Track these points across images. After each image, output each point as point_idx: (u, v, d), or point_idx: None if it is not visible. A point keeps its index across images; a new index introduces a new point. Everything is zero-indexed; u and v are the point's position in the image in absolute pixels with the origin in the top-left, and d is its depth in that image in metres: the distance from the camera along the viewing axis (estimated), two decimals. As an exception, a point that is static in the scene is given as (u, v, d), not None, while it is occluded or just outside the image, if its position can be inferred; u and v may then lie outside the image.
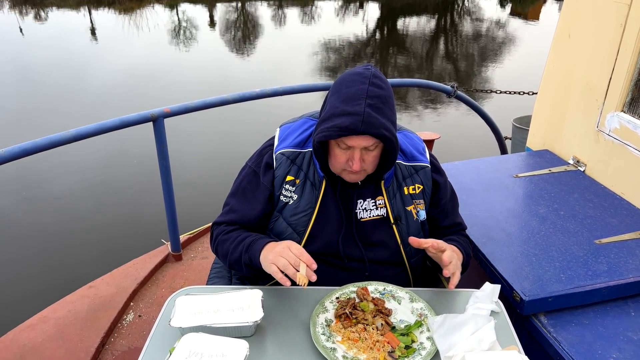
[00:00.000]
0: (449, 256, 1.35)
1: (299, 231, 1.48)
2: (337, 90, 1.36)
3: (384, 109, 1.31)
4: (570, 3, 2.31)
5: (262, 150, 1.56)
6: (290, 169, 1.49)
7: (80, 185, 5.24)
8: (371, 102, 1.29)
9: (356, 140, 1.32)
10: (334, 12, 16.00)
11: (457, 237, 1.61)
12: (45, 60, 9.62)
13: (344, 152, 1.37)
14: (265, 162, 1.51)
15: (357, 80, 1.33)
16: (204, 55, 10.62)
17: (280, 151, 1.50)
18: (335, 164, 1.41)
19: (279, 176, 1.49)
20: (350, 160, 1.36)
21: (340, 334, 1.28)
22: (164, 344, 1.25)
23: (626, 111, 2.06)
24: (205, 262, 2.90)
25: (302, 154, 1.50)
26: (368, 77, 1.32)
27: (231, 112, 5.46)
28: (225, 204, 1.59)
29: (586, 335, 1.48)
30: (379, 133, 1.28)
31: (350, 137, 1.32)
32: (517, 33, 12.97)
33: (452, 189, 1.65)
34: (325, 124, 1.32)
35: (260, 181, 1.51)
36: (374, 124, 1.27)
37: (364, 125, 1.27)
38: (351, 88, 1.32)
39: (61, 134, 2.11)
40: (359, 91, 1.30)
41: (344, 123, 1.28)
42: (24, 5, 15.22)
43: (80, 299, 2.56)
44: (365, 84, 1.31)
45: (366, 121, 1.27)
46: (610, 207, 1.98)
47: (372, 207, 1.51)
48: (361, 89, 1.30)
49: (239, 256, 1.44)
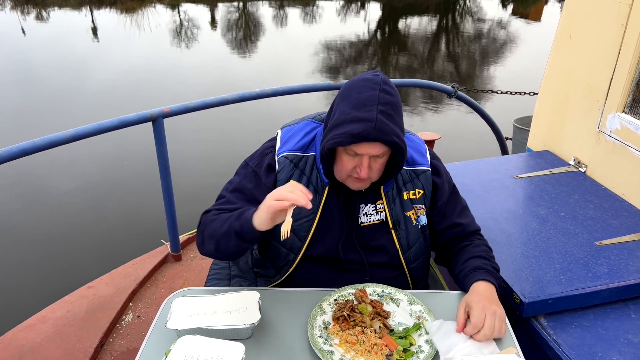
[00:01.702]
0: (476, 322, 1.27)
1: (300, 236, 1.47)
2: (347, 96, 1.33)
3: (394, 116, 1.29)
4: (571, 3, 2.29)
5: (264, 151, 1.53)
6: (293, 173, 1.47)
7: (80, 185, 5.24)
8: (382, 108, 1.27)
9: (366, 148, 1.30)
10: (336, 12, 15.99)
11: (478, 256, 1.48)
12: (46, 60, 9.63)
13: (352, 159, 1.35)
14: (267, 164, 1.50)
15: (368, 86, 1.30)
16: (205, 55, 10.62)
17: (283, 154, 1.49)
18: (342, 170, 1.39)
19: (281, 179, 1.47)
20: (358, 167, 1.34)
21: (338, 337, 1.27)
22: (161, 346, 1.24)
23: (627, 112, 2.04)
24: (204, 263, 2.89)
25: (305, 158, 1.49)
26: (378, 84, 1.30)
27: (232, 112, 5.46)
28: (220, 196, 1.53)
29: (586, 337, 1.47)
30: (390, 140, 1.27)
31: (361, 144, 1.29)
32: (519, 33, 12.94)
33: (454, 190, 1.62)
34: (336, 130, 1.30)
35: (261, 182, 1.48)
36: (386, 130, 1.26)
37: (377, 132, 1.25)
38: (362, 94, 1.30)
39: (60, 134, 2.11)
40: (370, 97, 1.28)
41: (357, 130, 1.26)
42: (26, 5, 15.24)
43: (79, 299, 2.55)
44: (376, 90, 1.29)
45: (378, 128, 1.25)
46: (611, 209, 1.96)
47: (372, 211, 1.50)
48: (372, 95, 1.28)
49: (228, 227, 1.34)
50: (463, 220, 1.59)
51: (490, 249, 1.56)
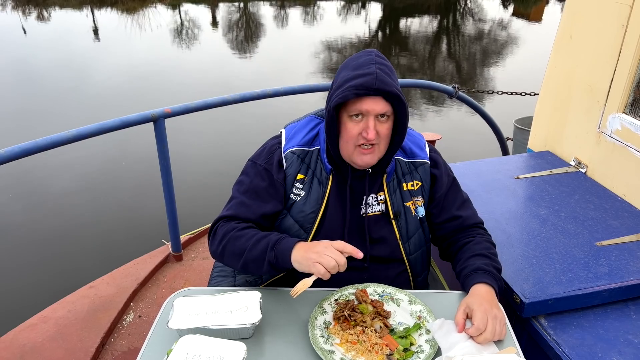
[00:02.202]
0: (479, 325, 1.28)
1: (306, 228, 1.49)
2: (345, 66, 1.43)
3: (391, 75, 1.38)
4: (571, 4, 2.30)
5: (271, 148, 1.54)
6: (301, 167, 1.50)
7: (82, 185, 5.24)
8: (380, 67, 1.36)
9: (370, 104, 1.34)
10: (336, 13, 15.99)
11: (480, 255, 1.48)
12: (47, 59, 9.64)
13: (358, 124, 1.38)
14: (276, 160, 1.51)
15: (363, 55, 1.42)
16: (206, 55, 10.62)
17: (290, 150, 1.51)
18: (349, 140, 1.40)
19: (290, 175, 1.49)
20: (365, 130, 1.37)
21: (338, 337, 1.28)
22: (162, 345, 1.25)
23: (628, 112, 2.05)
24: (205, 263, 2.90)
25: (310, 152, 1.51)
26: (372, 52, 1.42)
27: (232, 112, 5.46)
28: (233, 198, 1.53)
29: (586, 338, 1.47)
30: (392, 91, 1.33)
31: (365, 100, 1.34)
32: (520, 34, 12.94)
33: (454, 183, 1.63)
34: (340, 89, 1.36)
35: (274, 179, 1.49)
36: (386, 82, 1.33)
37: (378, 82, 1.32)
38: (359, 60, 1.40)
39: (62, 134, 2.11)
40: (367, 60, 1.39)
41: (359, 82, 1.33)
42: (27, 5, 15.25)
43: (80, 299, 2.56)
44: (371, 55, 1.41)
45: (379, 79, 1.32)
46: (611, 209, 1.97)
47: (374, 202, 1.52)
48: (369, 58, 1.39)
49: (261, 254, 1.35)
50: (463, 212, 1.59)
51: (493, 244, 1.56)
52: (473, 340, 1.26)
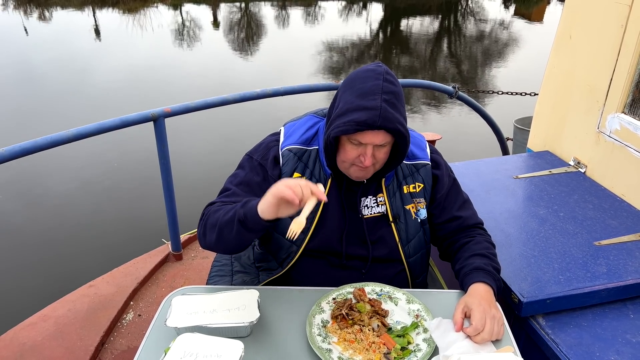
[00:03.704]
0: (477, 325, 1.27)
1: (304, 228, 1.48)
2: (351, 87, 1.36)
3: (397, 105, 1.32)
4: (571, 4, 2.30)
5: (268, 144, 1.54)
6: (297, 165, 1.49)
7: (81, 184, 5.25)
8: (386, 97, 1.30)
9: (370, 137, 1.32)
10: (338, 13, 15.99)
11: (479, 254, 1.48)
12: (48, 59, 9.65)
13: (356, 148, 1.37)
14: (272, 157, 1.51)
15: (371, 76, 1.33)
16: (207, 55, 10.63)
17: (287, 147, 1.50)
18: (345, 159, 1.40)
19: (286, 172, 1.48)
20: (362, 156, 1.36)
21: (336, 335, 1.28)
22: (160, 343, 1.25)
23: (627, 112, 2.05)
24: (205, 262, 2.90)
25: (308, 151, 1.51)
26: (381, 74, 1.33)
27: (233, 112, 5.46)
28: (225, 189, 1.50)
29: (584, 337, 1.47)
30: (394, 128, 1.30)
31: (366, 133, 1.31)
32: (521, 34, 12.93)
33: (455, 184, 1.63)
34: (341, 119, 1.32)
35: (268, 175, 1.49)
36: (390, 119, 1.28)
37: (381, 120, 1.27)
38: (366, 84, 1.32)
39: (61, 134, 2.11)
40: (374, 87, 1.31)
41: (362, 117, 1.28)
42: (29, 5, 15.27)
43: (80, 297, 2.56)
44: (379, 79, 1.32)
45: (383, 116, 1.28)
46: (610, 209, 1.97)
47: (373, 204, 1.52)
48: (376, 84, 1.31)
49: (232, 214, 1.29)
50: (463, 213, 1.59)
51: (493, 245, 1.56)
52: (470, 339, 1.26)
